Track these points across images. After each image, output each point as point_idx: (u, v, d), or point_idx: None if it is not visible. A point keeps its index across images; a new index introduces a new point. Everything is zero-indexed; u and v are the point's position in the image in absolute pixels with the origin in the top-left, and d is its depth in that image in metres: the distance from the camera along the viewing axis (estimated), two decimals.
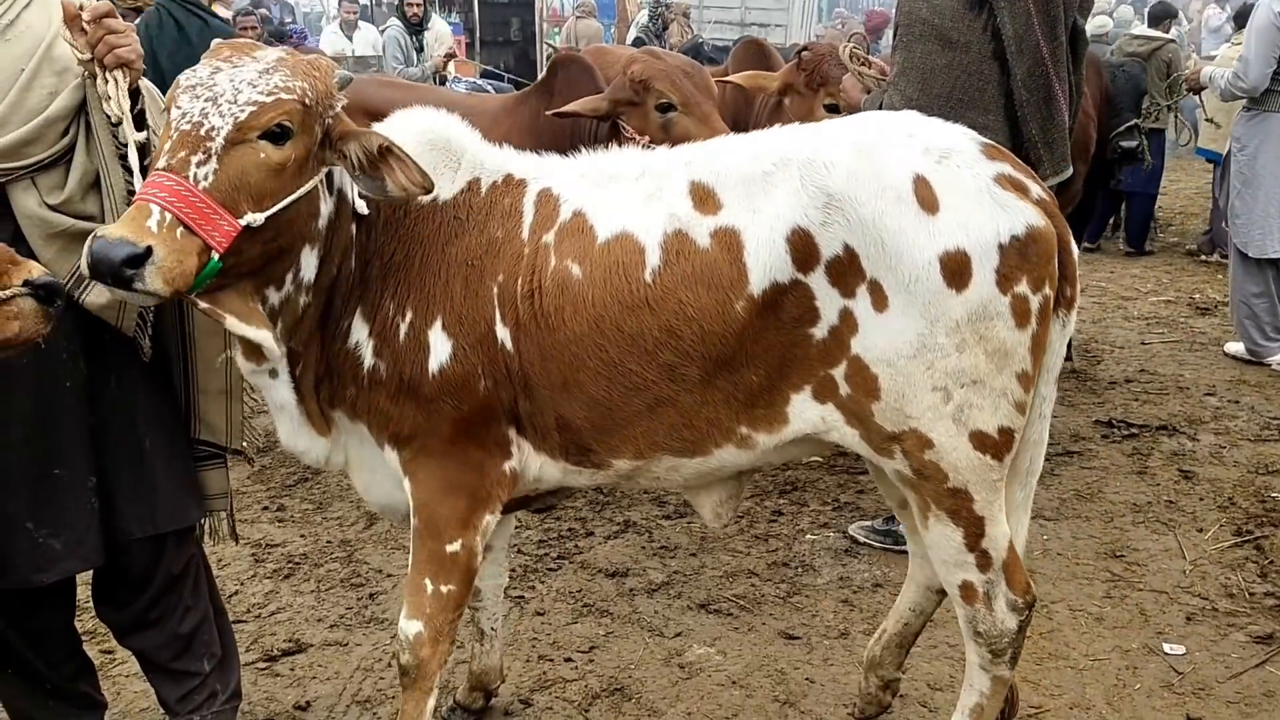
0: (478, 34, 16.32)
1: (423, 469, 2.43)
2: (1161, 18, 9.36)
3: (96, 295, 2.24)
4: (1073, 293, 2.40)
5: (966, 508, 2.37)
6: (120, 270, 1.89)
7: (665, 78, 3.87)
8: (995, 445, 2.33)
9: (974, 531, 2.39)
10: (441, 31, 11.00)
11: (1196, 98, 7.91)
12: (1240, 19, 8.40)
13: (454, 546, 2.45)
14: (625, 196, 2.41)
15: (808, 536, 4.12)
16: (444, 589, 2.46)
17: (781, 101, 4.46)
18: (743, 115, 4.60)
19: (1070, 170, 3.68)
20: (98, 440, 2.41)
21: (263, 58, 2.16)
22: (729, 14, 19.41)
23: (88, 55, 2.18)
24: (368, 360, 2.38)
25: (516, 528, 4.19)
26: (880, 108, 3.42)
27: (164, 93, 2.27)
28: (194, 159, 2.02)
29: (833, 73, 4.25)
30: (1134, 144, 5.90)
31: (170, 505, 2.51)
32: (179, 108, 2.07)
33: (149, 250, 1.91)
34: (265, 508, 4.39)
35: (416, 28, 10.25)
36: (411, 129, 2.42)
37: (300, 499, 4.48)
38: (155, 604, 2.58)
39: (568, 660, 3.32)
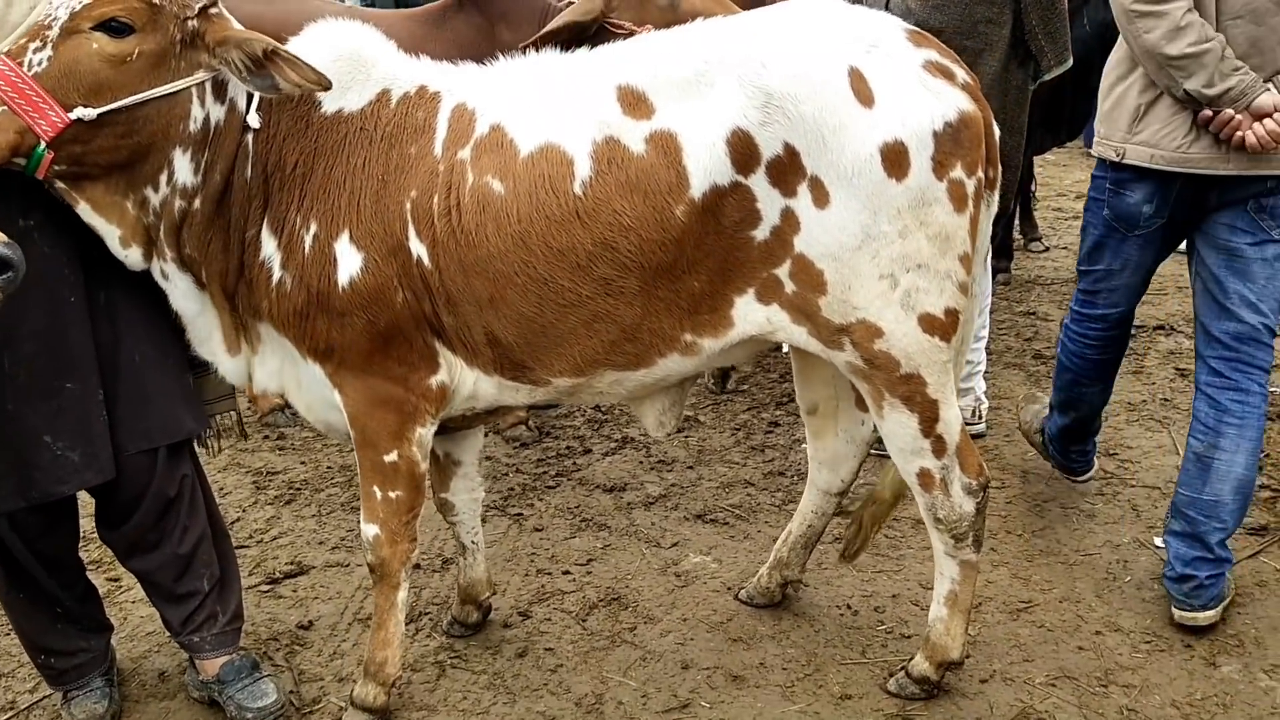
0: None
1: (347, 383, 2.47)
2: None
3: None
4: (994, 174, 2.45)
5: (920, 393, 2.41)
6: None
7: None
8: (943, 327, 2.37)
9: (929, 416, 2.44)
10: None
11: None
12: None
13: (391, 457, 2.50)
14: (548, 106, 2.38)
15: (803, 446, 4.14)
16: (392, 494, 2.54)
17: None
18: None
19: (1071, 61, 3.63)
20: (97, 353, 2.43)
21: None
22: None
23: None
24: (276, 273, 2.39)
25: (517, 448, 4.24)
26: (888, 6, 3.36)
27: None
28: (31, 46, 2.12)
29: None
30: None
31: (163, 419, 2.54)
32: (47, 3, 2.16)
33: None
34: (265, 436, 4.43)
35: None
36: (319, 42, 2.41)
37: (301, 427, 4.51)
38: (154, 525, 2.61)
39: (565, 573, 3.37)
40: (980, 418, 4.17)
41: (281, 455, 4.29)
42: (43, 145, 2.10)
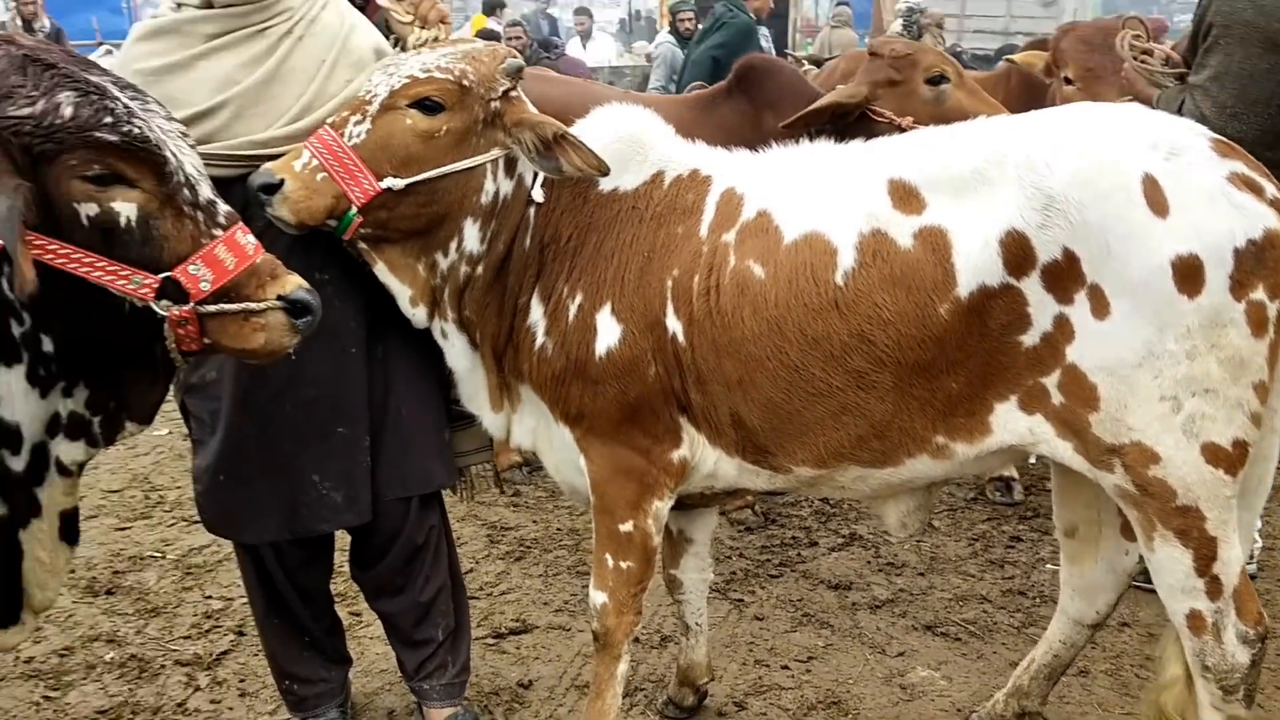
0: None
1: (593, 449, 2.52)
2: None
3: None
4: None
5: (1198, 527, 2.21)
6: (258, 194, 2.24)
7: (933, 51, 3.76)
8: (1229, 459, 2.18)
9: (1205, 554, 2.23)
10: None
11: None
12: None
13: (626, 526, 2.52)
14: (816, 195, 2.38)
15: (1048, 566, 3.89)
16: (623, 565, 2.55)
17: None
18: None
19: None
20: (369, 403, 2.59)
21: (452, 48, 2.40)
22: (993, 22, 18.66)
23: (409, 18, 2.50)
24: (539, 338, 2.49)
25: (741, 531, 4.20)
26: (1180, 112, 3.18)
27: None
28: (353, 119, 2.32)
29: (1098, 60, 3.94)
30: None
31: (418, 470, 2.66)
32: (367, 80, 2.36)
33: (281, 182, 2.24)
34: (502, 491, 4.57)
35: (687, 41, 10.15)
36: (603, 123, 2.54)
37: (535, 485, 4.64)
38: (401, 570, 2.73)
39: (784, 668, 3.28)
40: (1252, 558, 3.79)
41: (515, 512, 4.41)
42: (354, 210, 2.29)
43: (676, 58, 9.67)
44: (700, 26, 8.84)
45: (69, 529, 2.02)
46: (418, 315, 2.50)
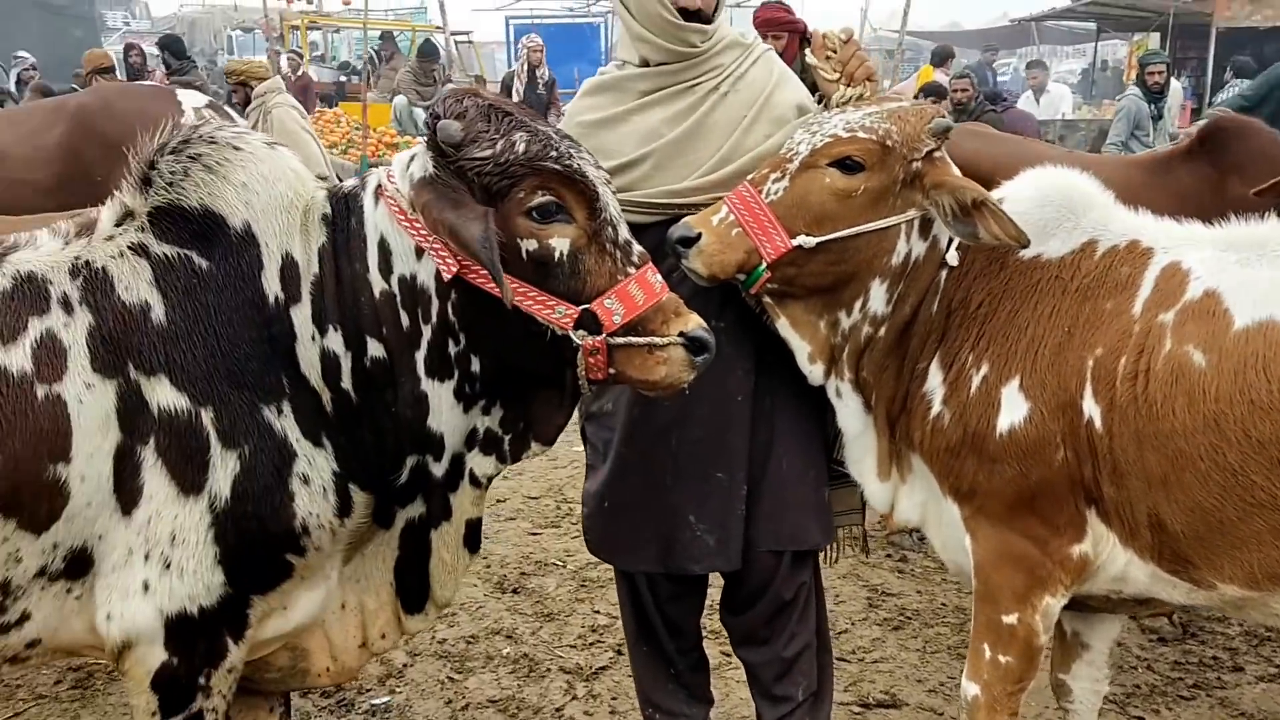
0: (1206, 99, 15.04)
1: (981, 531, 2.36)
2: None
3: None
4: None
5: None
6: (675, 245, 2.30)
7: None
8: None
9: None
10: (1176, 97, 10.28)
11: None
12: None
13: (1010, 619, 2.34)
14: (1278, 279, 2.09)
15: None
16: (1001, 659, 2.37)
17: None
18: None
19: None
20: (750, 452, 2.62)
21: (877, 106, 2.37)
22: None
23: (835, 75, 2.51)
24: (935, 406, 2.37)
25: (1153, 640, 3.77)
26: None
27: None
28: (772, 176, 2.33)
29: None
30: None
31: (794, 526, 2.64)
32: (790, 138, 2.38)
33: (698, 236, 2.29)
34: (888, 555, 4.45)
35: (1157, 95, 9.15)
36: (1030, 186, 2.41)
37: (924, 554, 4.46)
38: (766, 623, 2.73)
39: None
40: None
41: (900, 578, 4.27)
42: (764, 265, 2.32)
43: (1142, 112, 8.97)
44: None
45: (472, 536, 2.22)
46: (814, 372, 2.49)
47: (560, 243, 1.95)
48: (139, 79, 11.65)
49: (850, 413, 2.53)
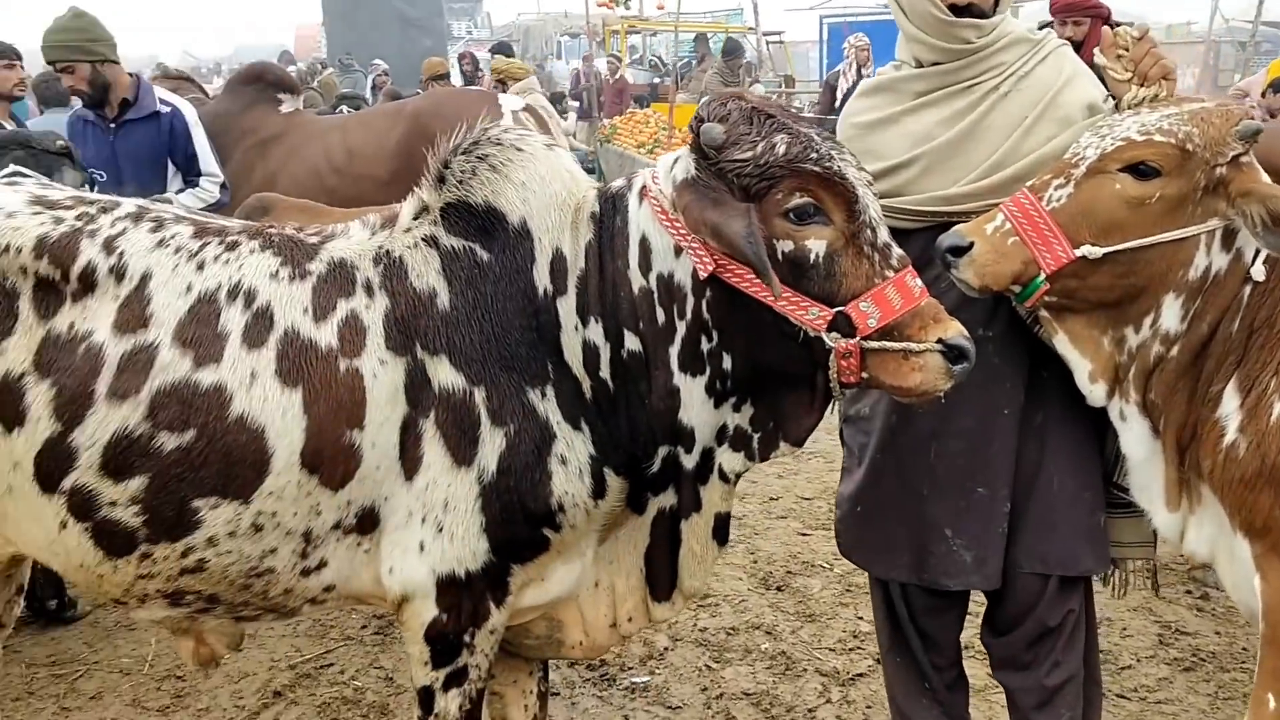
0: None
1: (1273, 570, 2.14)
2: None
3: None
4: None
5: None
6: (945, 255, 2.21)
7: None
8: None
9: None
10: None
11: None
12: None
13: None
14: None
15: None
16: None
17: None
18: None
19: None
20: (1016, 469, 2.51)
21: (1176, 107, 2.19)
22: None
23: (1127, 75, 2.35)
24: (1229, 435, 2.16)
25: None
26: None
27: None
28: (1055, 182, 2.19)
29: None
30: None
31: (1062, 550, 2.51)
32: (1076, 141, 2.23)
33: (970, 245, 2.18)
34: (1188, 591, 4.10)
35: None
36: None
37: (1226, 594, 4.07)
38: (1027, 648, 2.60)
39: None
40: None
41: (1198, 617, 3.92)
42: (1042, 277, 2.18)
43: None
44: None
45: (721, 529, 2.28)
46: (1095, 392, 2.33)
47: (816, 244, 1.96)
48: (470, 84, 12.62)
49: (1136, 437, 2.35)
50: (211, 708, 3.44)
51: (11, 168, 3.36)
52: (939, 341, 1.94)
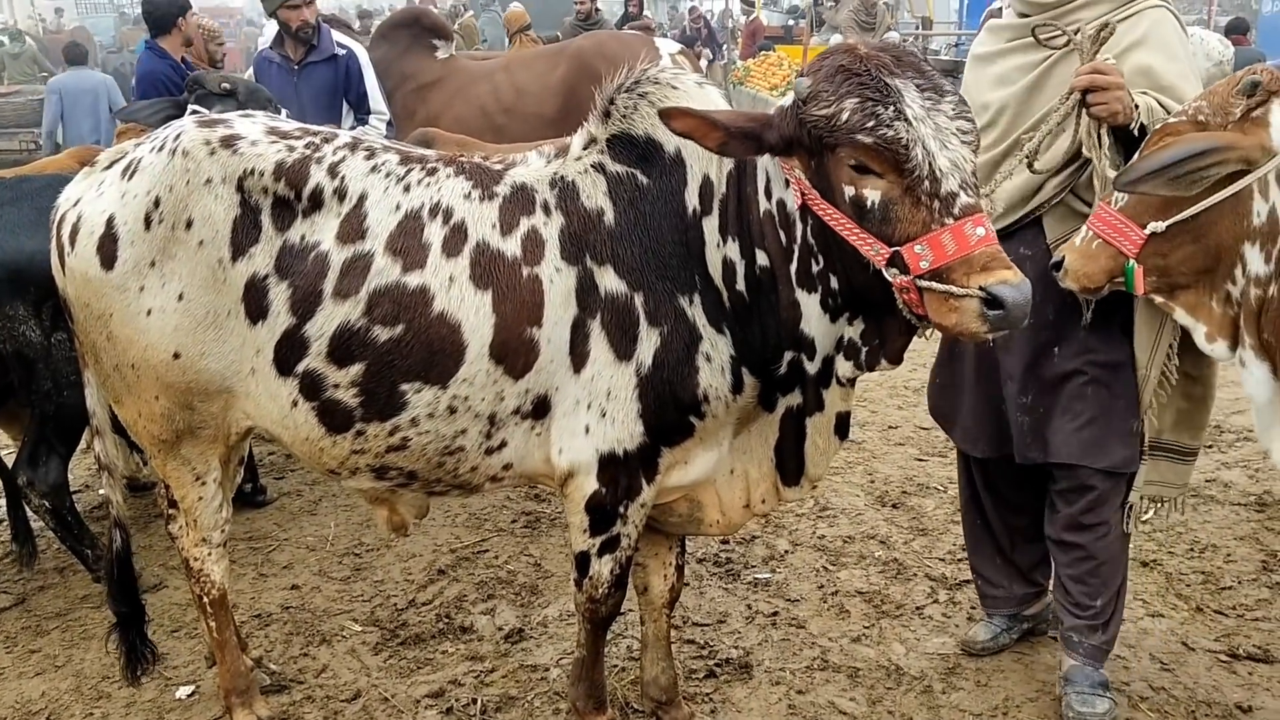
0: None
1: None
2: None
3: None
4: None
5: None
6: (1049, 274, 2.63)
7: None
8: None
9: None
10: None
11: None
12: None
13: None
14: None
15: None
16: None
17: None
18: None
19: None
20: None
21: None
22: None
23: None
24: None
25: None
26: None
27: None
28: None
29: None
30: None
31: (1096, 443, 2.88)
32: None
33: (1062, 260, 2.59)
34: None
35: None
36: None
37: None
38: (1070, 528, 2.99)
39: None
40: None
41: None
42: (1131, 261, 2.47)
43: None
44: None
45: (841, 425, 2.59)
46: (1218, 350, 2.54)
47: (872, 193, 2.12)
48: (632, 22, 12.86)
49: (1256, 380, 2.51)
50: (385, 580, 3.94)
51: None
52: (981, 289, 2.01)
